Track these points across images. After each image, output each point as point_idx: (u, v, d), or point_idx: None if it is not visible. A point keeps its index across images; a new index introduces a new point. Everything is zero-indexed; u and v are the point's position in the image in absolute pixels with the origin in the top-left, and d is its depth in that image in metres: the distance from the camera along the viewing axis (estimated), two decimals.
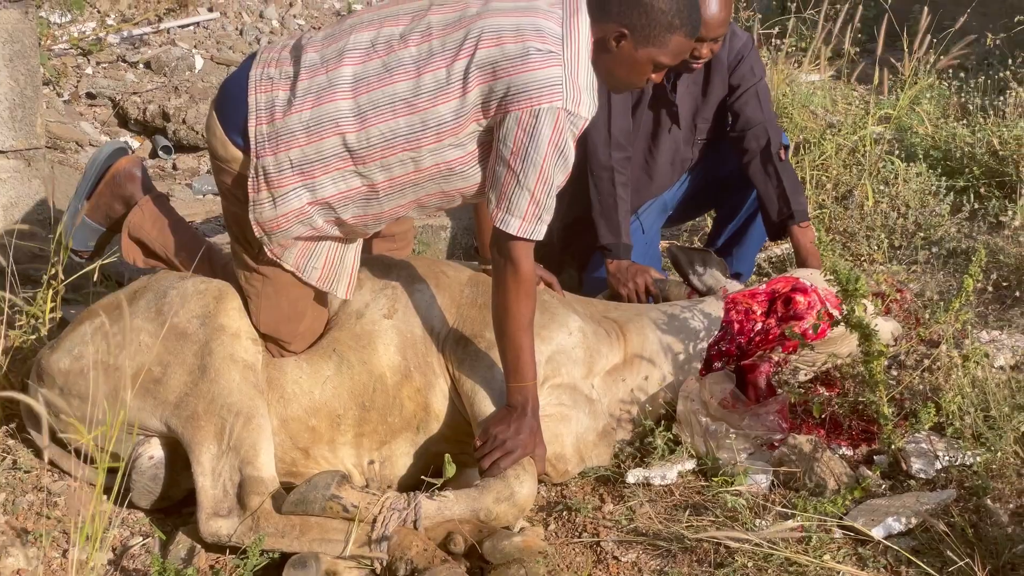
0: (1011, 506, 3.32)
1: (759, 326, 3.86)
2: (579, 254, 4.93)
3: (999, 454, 3.42)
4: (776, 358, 3.82)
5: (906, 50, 6.58)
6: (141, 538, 3.32)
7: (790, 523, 3.24)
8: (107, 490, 3.15)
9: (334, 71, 3.21)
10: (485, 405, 3.45)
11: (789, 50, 7.10)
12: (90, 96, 7.10)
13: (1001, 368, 4.02)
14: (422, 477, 3.37)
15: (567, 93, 3.10)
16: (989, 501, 3.32)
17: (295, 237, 3.35)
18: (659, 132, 4.68)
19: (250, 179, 3.27)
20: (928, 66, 6.70)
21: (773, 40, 7.15)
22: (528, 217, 3.18)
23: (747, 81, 4.59)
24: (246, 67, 3.33)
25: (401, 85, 3.17)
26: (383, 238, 3.88)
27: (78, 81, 7.22)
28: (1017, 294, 4.50)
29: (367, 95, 3.18)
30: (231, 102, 3.31)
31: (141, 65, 7.51)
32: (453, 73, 3.14)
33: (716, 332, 3.89)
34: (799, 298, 3.86)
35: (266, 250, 3.37)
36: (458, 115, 3.16)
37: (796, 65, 7.10)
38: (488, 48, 3.12)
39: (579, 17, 3.20)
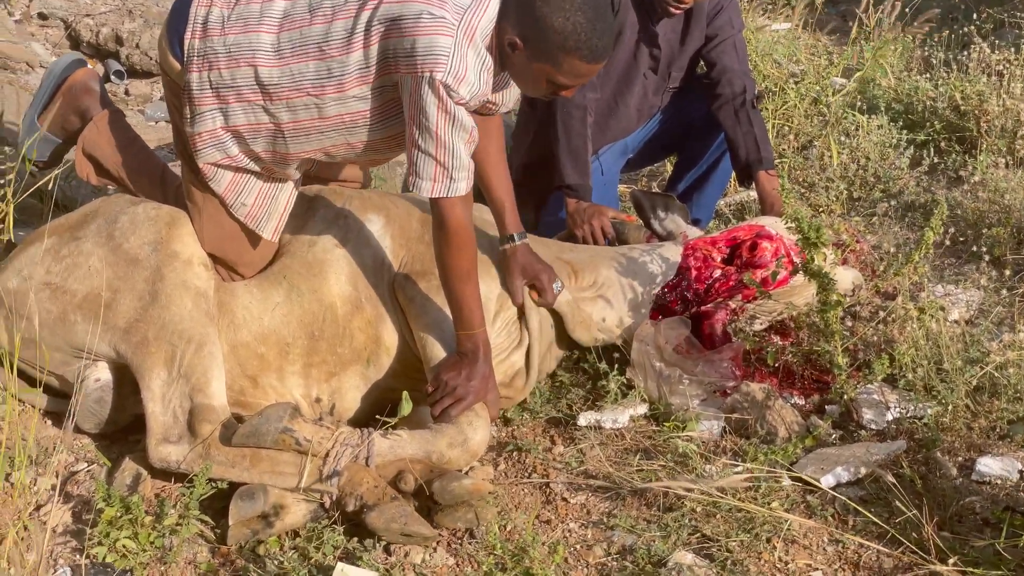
0: (960, 459, 3.35)
1: (717, 273, 3.84)
2: (536, 193, 4.89)
3: (950, 407, 3.44)
4: (733, 305, 3.81)
5: (871, 4, 6.56)
6: (86, 464, 3.28)
7: (739, 470, 3.25)
8: (54, 415, 3.11)
9: (267, 3, 3.21)
10: (436, 349, 3.43)
11: None
12: (42, 17, 6.95)
13: (955, 322, 4.04)
14: (376, 416, 3.34)
15: (450, 66, 3.00)
16: (939, 454, 3.34)
17: (214, 163, 3.34)
18: (633, 75, 4.64)
19: (183, 92, 3.29)
20: (893, 19, 6.68)
21: None
22: (438, 179, 3.12)
23: (725, 32, 4.58)
24: None
25: (317, 28, 3.15)
26: (340, 167, 3.85)
27: (30, 1, 7.06)
28: (973, 249, 4.51)
29: (287, 33, 3.18)
30: (178, 11, 3.32)
31: None
32: (359, 23, 3.11)
33: (673, 277, 3.87)
34: (765, 244, 3.84)
35: (201, 170, 3.35)
36: (361, 68, 3.13)
37: (763, 14, 7.06)
38: (390, 4, 3.07)
39: None
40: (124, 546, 2.89)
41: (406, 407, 3.14)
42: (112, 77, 6.63)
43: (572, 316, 3.71)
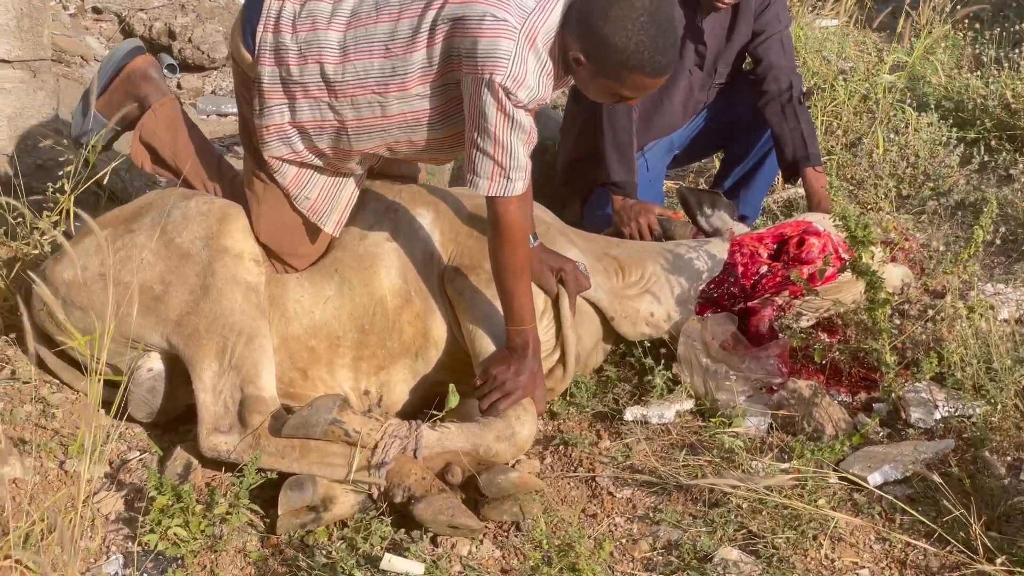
0: (1008, 458, 3.32)
1: (764, 269, 3.84)
2: (582, 188, 4.90)
3: (999, 406, 3.42)
4: (780, 302, 3.80)
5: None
6: (138, 453, 3.32)
7: (786, 467, 3.25)
8: (107, 404, 3.15)
9: (338, 2, 3.25)
10: (484, 343, 3.44)
11: None
12: (96, 11, 7.02)
13: (1005, 321, 4.02)
14: (424, 409, 3.36)
15: (511, 69, 3.02)
16: (987, 453, 3.32)
17: (280, 157, 3.38)
18: (679, 71, 4.64)
19: (254, 83, 3.33)
20: (943, 16, 6.64)
21: None
22: (494, 178, 3.15)
23: (772, 27, 4.57)
24: None
25: (383, 27, 3.18)
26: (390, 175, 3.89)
27: None
28: None
29: (354, 31, 3.21)
30: (253, 3, 3.35)
31: None
32: (423, 23, 3.14)
33: (719, 273, 3.87)
34: (813, 241, 3.84)
35: (266, 161, 3.39)
36: (424, 67, 3.16)
37: (811, 10, 7.03)
38: (454, 5, 3.09)
39: (558, 3, 3.13)
40: (175, 534, 2.93)
41: (453, 399, 3.16)
42: (165, 71, 6.68)
43: (615, 310, 3.73)
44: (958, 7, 6.46)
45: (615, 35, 3.01)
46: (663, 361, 3.71)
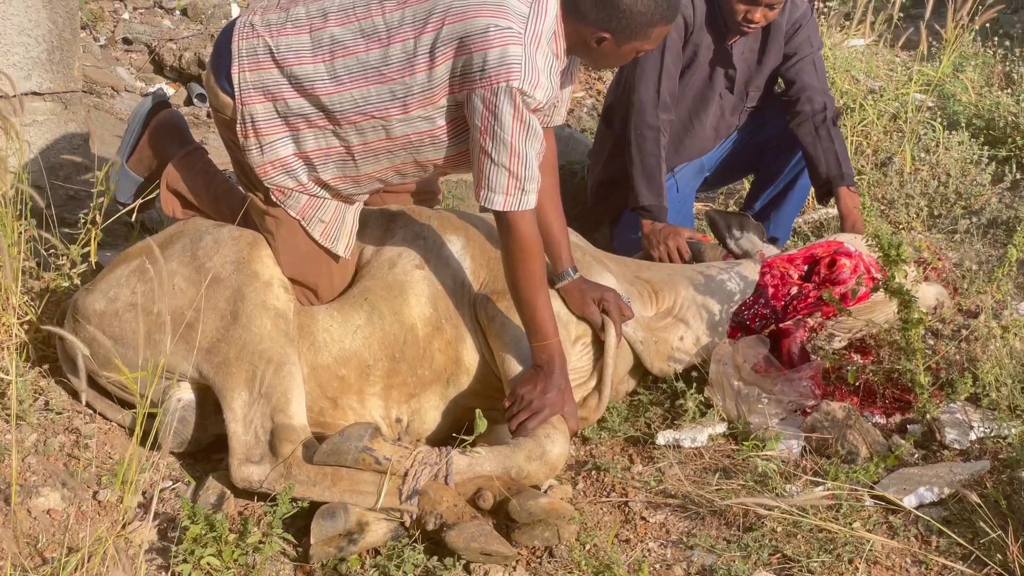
0: None
1: (795, 290, 3.82)
2: (612, 211, 4.91)
3: None
4: (812, 323, 3.78)
5: (949, 13, 6.49)
6: (171, 482, 3.33)
7: (820, 490, 3.22)
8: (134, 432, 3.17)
9: (316, 32, 3.25)
10: (515, 367, 3.44)
11: (832, 14, 7.03)
12: (126, 41, 7.08)
13: None
14: (453, 434, 3.36)
15: (525, 73, 3.08)
16: (1023, 473, 3.29)
17: (290, 188, 3.39)
18: (709, 95, 4.64)
19: (238, 125, 3.33)
20: (966, 28, 6.60)
21: (817, 3, 7.06)
22: (510, 191, 3.17)
23: (803, 50, 4.57)
24: (238, 17, 3.39)
25: (374, 53, 3.20)
26: (402, 193, 3.89)
27: (115, 26, 7.20)
28: None
29: (343, 59, 3.22)
30: (219, 49, 3.38)
31: (178, 11, 7.48)
32: (420, 46, 3.15)
33: (750, 296, 3.86)
34: (844, 261, 3.82)
35: (271, 195, 3.41)
36: (425, 89, 3.18)
37: (840, 30, 7.02)
38: (454, 24, 3.11)
39: (550, 1, 3.19)
40: (208, 563, 2.93)
41: (481, 424, 3.16)
42: (195, 100, 6.73)
43: (650, 352, 3.73)
44: (976, 16, 6.41)
45: (637, 2, 3.16)
46: (695, 384, 3.69)
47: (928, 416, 3.52)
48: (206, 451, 3.48)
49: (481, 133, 3.13)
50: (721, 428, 3.65)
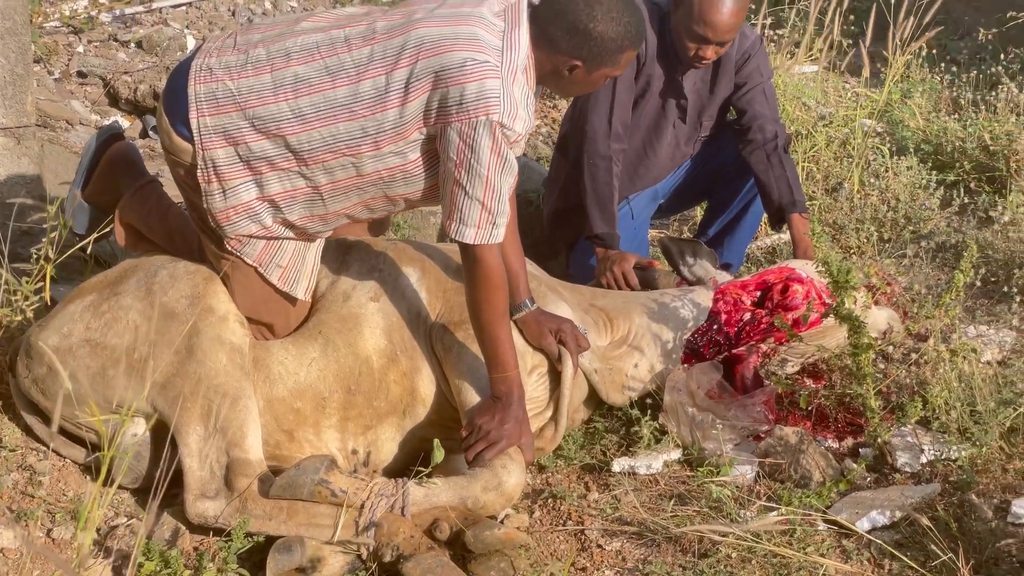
0: (995, 501, 3.33)
1: (748, 316, 3.86)
2: (567, 239, 4.94)
3: (984, 449, 3.45)
4: (765, 348, 3.82)
5: (891, 38, 6.58)
6: (126, 518, 3.31)
7: (774, 515, 3.25)
8: (90, 469, 3.15)
9: (278, 72, 3.21)
10: (472, 397, 3.45)
11: (783, 41, 7.11)
12: (81, 75, 7.05)
13: (988, 363, 4.03)
14: (410, 466, 3.37)
15: (504, 106, 3.10)
16: (974, 496, 3.33)
17: (248, 235, 3.36)
18: (663, 125, 4.69)
19: (199, 170, 3.28)
20: (911, 52, 6.69)
21: (766, 31, 7.14)
22: (482, 225, 3.19)
23: (754, 79, 4.62)
24: (191, 58, 3.33)
25: (341, 91, 3.18)
26: (357, 224, 3.89)
27: (69, 59, 7.17)
28: (1005, 289, 4.51)
29: (308, 98, 3.19)
30: (173, 93, 3.31)
31: (133, 44, 7.46)
32: (393, 82, 3.15)
33: (703, 322, 3.89)
34: (796, 287, 3.86)
35: (226, 243, 3.38)
36: (397, 124, 3.18)
37: (790, 56, 7.10)
38: (428, 59, 3.12)
39: (519, 30, 3.22)
40: None
41: (438, 455, 3.17)
42: (150, 132, 6.71)
43: (605, 383, 3.75)
44: (915, 39, 6.50)
45: (608, 28, 3.21)
46: (650, 411, 3.72)
47: (879, 440, 3.56)
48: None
49: (456, 166, 3.14)
50: (676, 454, 3.68)
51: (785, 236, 5.24)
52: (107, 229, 3.76)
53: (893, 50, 6.47)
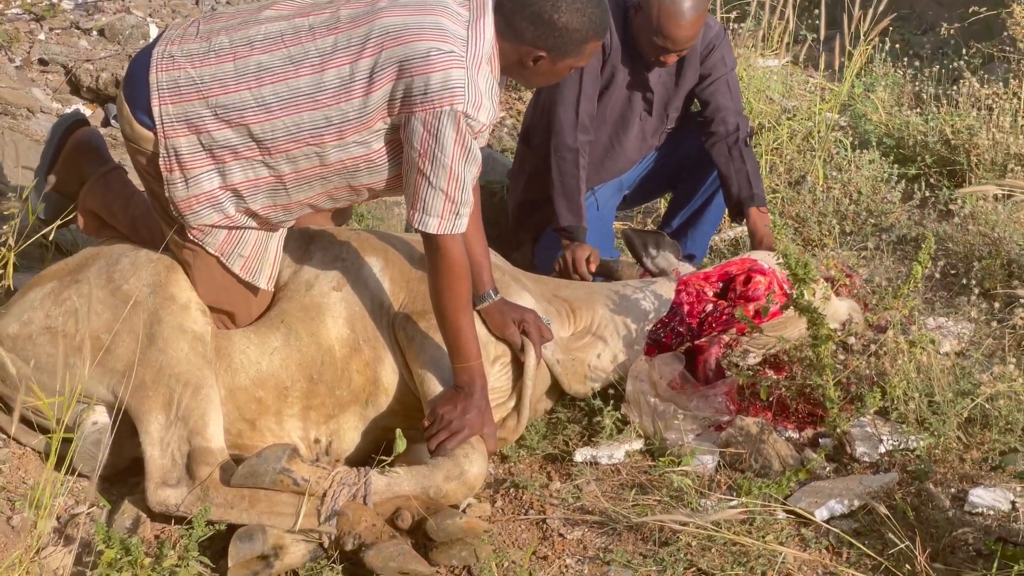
0: (952, 490, 3.37)
1: (710, 307, 3.88)
2: (532, 231, 4.95)
3: (942, 439, 3.48)
4: (727, 339, 3.84)
5: (846, 30, 6.61)
6: (86, 507, 3.30)
7: (734, 503, 3.28)
8: (49, 456, 3.14)
9: (241, 60, 3.20)
10: (434, 386, 3.45)
11: (747, 34, 7.14)
12: (42, 62, 7.00)
13: (946, 354, 4.06)
14: (372, 455, 3.37)
15: (468, 96, 3.10)
16: (931, 485, 3.37)
17: (211, 224, 3.35)
18: (629, 118, 4.70)
19: (161, 158, 3.26)
20: (871, 44, 6.73)
21: (731, 24, 7.17)
22: (445, 215, 3.19)
23: (718, 71, 4.64)
24: (152, 45, 3.31)
25: (304, 80, 3.17)
26: (320, 213, 3.88)
27: (30, 47, 7.11)
28: (964, 282, 4.55)
29: (271, 87, 3.18)
30: (134, 80, 3.28)
31: (95, 32, 7.41)
32: (357, 71, 3.15)
33: (666, 313, 3.91)
34: (759, 278, 3.89)
35: (188, 232, 3.36)
36: (361, 114, 3.17)
37: (752, 48, 7.12)
38: (392, 48, 3.11)
39: (484, 20, 3.22)
40: None
41: (400, 444, 3.17)
42: (112, 121, 6.67)
43: (567, 374, 3.76)
44: (874, 28, 6.54)
45: (573, 19, 3.21)
46: (612, 402, 3.73)
47: (839, 430, 3.59)
48: (122, 474, 3.45)
49: (420, 155, 3.13)
50: (638, 444, 3.70)
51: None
52: (70, 216, 3.73)
53: (851, 41, 6.50)
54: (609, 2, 4.35)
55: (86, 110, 6.65)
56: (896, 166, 5.73)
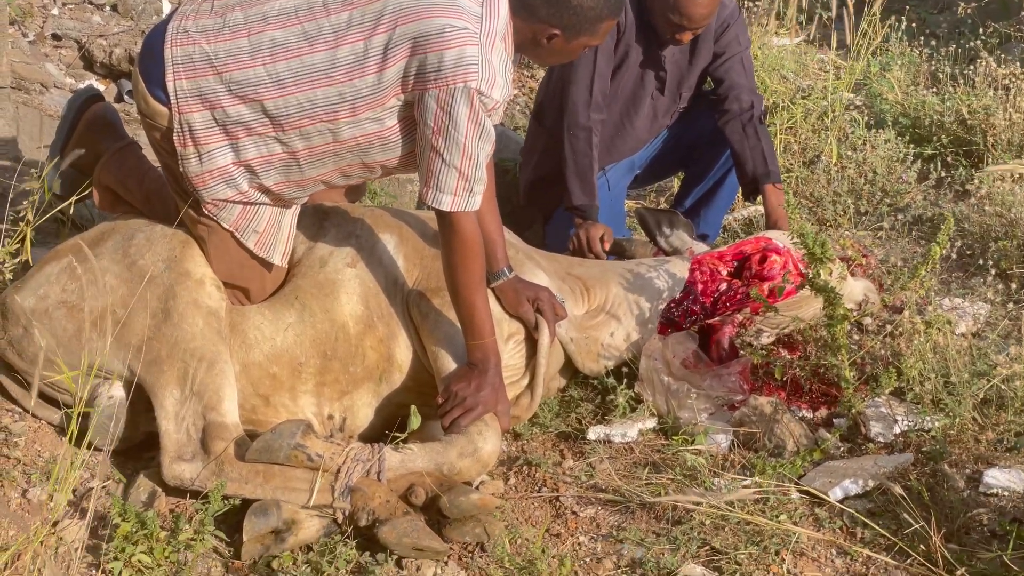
0: (967, 471, 3.36)
1: (724, 286, 3.87)
2: (544, 209, 4.94)
3: (957, 420, 3.47)
4: (740, 319, 3.83)
5: (858, 10, 6.57)
6: (102, 480, 3.31)
7: (748, 483, 3.27)
8: (65, 431, 3.14)
9: (256, 36, 3.19)
10: (448, 363, 3.45)
11: (762, 12, 7.11)
12: (56, 37, 6.99)
13: (962, 335, 4.06)
14: (386, 431, 3.37)
15: (482, 73, 3.09)
16: (946, 466, 3.37)
17: (225, 199, 3.35)
18: (641, 96, 4.68)
19: (175, 133, 3.26)
20: (888, 23, 6.70)
21: (745, 3, 7.14)
22: (459, 192, 3.18)
23: (732, 49, 4.62)
24: (167, 20, 3.30)
25: (319, 56, 3.16)
26: (333, 190, 3.88)
27: (44, 22, 7.11)
28: (980, 262, 4.54)
29: (285, 63, 3.17)
30: (149, 56, 3.27)
31: (108, 7, 7.41)
32: (371, 47, 3.13)
33: (679, 292, 3.90)
34: (775, 258, 3.88)
35: (203, 207, 3.36)
36: (375, 90, 3.16)
37: (766, 26, 7.09)
38: (407, 24, 3.10)
39: (500, 2, 3.21)
40: (140, 561, 2.92)
41: (415, 421, 3.17)
42: (125, 96, 6.67)
43: (581, 352, 3.76)
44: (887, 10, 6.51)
45: None
46: (625, 380, 3.73)
47: (853, 410, 3.58)
48: (137, 448, 3.46)
49: (434, 133, 3.13)
50: (651, 423, 3.69)
51: (761, 208, 5.25)
52: (86, 191, 3.73)
53: (870, 22, 6.47)
54: None
55: (99, 85, 6.64)
56: (912, 146, 5.71)
